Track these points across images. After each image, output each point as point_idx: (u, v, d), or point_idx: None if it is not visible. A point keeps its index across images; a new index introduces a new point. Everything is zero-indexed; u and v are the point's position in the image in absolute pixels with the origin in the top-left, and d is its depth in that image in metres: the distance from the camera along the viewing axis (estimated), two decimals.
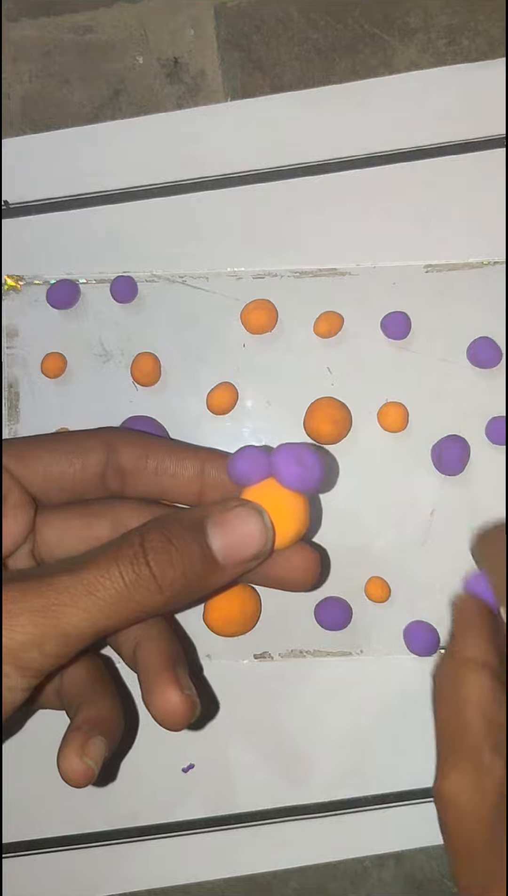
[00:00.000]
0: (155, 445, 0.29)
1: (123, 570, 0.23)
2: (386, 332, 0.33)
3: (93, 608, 0.23)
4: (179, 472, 0.28)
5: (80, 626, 0.23)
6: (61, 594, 0.23)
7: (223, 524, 0.25)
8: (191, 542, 0.24)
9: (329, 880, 0.32)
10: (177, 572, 0.24)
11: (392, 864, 0.32)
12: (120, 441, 0.28)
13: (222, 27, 0.36)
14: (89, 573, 0.23)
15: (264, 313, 0.33)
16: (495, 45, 0.35)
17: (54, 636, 0.23)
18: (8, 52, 0.36)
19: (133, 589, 0.23)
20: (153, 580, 0.24)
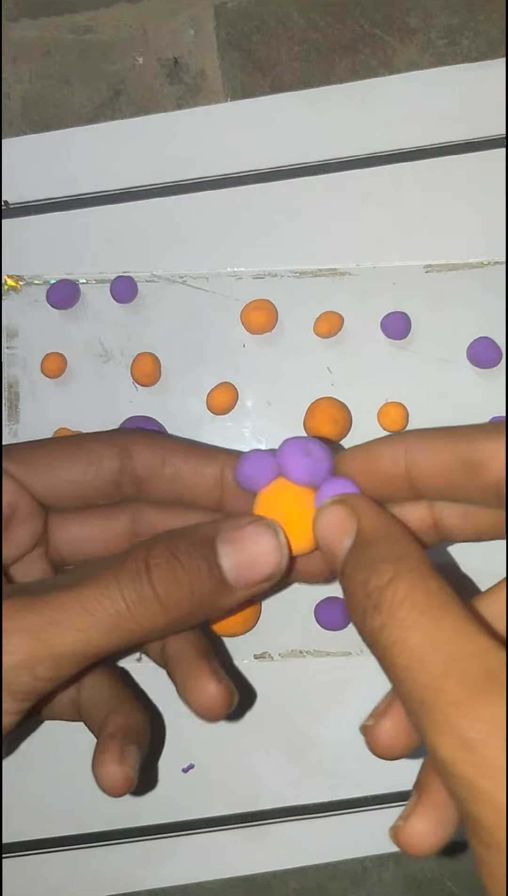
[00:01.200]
0: (172, 450, 0.27)
1: (125, 589, 0.22)
2: (386, 332, 0.33)
3: (89, 629, 0.21)
4: (198, 479, 0.26)
5: (74, 647, 0.21)
6: (56, 612, 0.21)
7: (235, 542, 0.23)
8: (200, 560, 0.22)
9: (329, 880, 0.32)
10: (183, 593, 0.22)
11: (392, 864, 0.32)
12: (135, 446, 0.26)
13: (222, 27, 0.36)
14: (88, 590, 0.21)
15: (264, 313, 0.33)
16: (495, 45, 0.35)
17: (47, 658, 0.21)
18: (8, 52, 0.36)
19: (134, 609, 0.22)
20: (157, 601, 0.22)
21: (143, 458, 0.26)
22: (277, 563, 0.23)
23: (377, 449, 0.23)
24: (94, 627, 0.21)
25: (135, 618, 0.22)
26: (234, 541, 0.23)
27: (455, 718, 0.17)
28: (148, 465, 0.26)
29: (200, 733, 0.32)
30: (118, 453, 0.26)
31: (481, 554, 0.28)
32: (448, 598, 0.19)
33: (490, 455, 0.21)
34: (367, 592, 0.20)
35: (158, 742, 0.32)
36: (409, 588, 0.19)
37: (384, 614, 0.19)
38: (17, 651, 0.21)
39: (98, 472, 0.26)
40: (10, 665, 0.21)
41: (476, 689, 0.17)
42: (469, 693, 0.17)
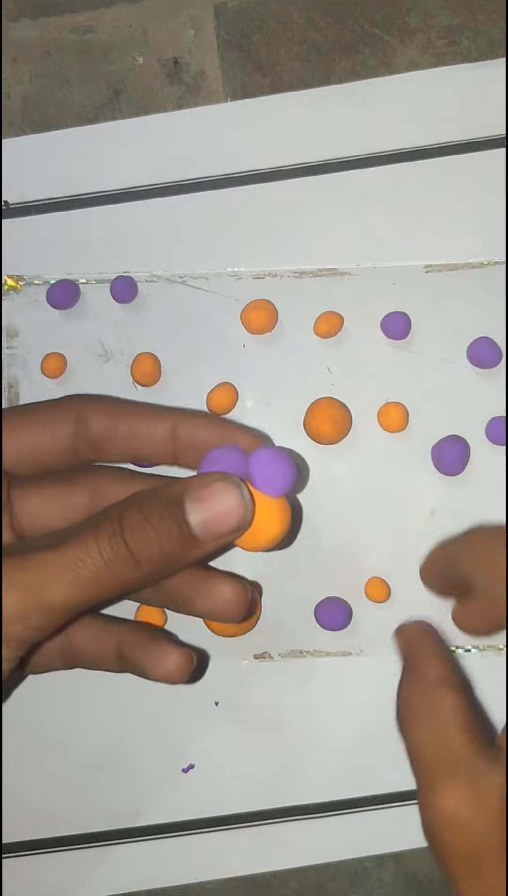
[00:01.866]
0: (124, 410, 0.29)
1: (102, 547, 0.24)
2: (386, 332, 0.33)
3: (74, 583, 0.23)
4: (152, 435, 0.28)
5: (62, 600, 0.23)
6: (44, 570, 0.23)
7: (201, 499, 0.25)
8: (169, 518, 0.25)
9: (329, 880, 0.32)
10: (153, 549, 0.24)
11: (392, 864, 0.32)
12: (88, 409, 0.28)
13: (222, 27, 0.36)
14: (70, 550, 0.24)
15: (264, 313, 0.33)
16: (495, 45, 0.35)
17: (38, 610, 0.23)
18: (8, 52, 0.36)
19: (111, 565, 0.24)
20: (130, 557, 0.24)
21: (97, 420, 0.28)
22: (242, 516, 0.25)
23: None
24: (78, 582, 0.24)
25: (113, 572, 0.24)
26: (201, 498, 0.25)
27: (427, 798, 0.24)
28: (102, 426, 0.28)
29: (200, 733, 0.32)
30: (72, 417, 0.28)
31: None
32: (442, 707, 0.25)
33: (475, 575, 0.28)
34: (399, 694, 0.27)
35: None
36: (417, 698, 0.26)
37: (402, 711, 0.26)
38: (10, 604, 0.23)
39: (53, 436, 0.28)
40: (6, 616, 0.23)
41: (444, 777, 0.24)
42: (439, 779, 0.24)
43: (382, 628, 0.32)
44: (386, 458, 0.33)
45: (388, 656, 0.32)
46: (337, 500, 0.33)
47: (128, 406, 0.29)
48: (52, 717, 0.32)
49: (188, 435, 0.28)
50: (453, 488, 0.33)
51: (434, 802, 0.24)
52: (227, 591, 0.27)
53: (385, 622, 0.32)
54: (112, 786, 0.32)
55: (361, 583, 0.33)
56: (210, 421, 0.29)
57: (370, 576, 0.32)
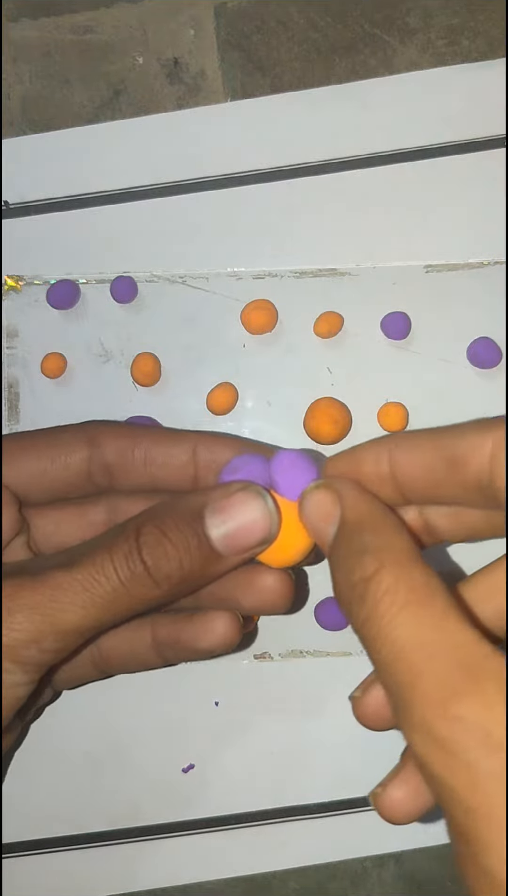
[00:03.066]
0: (140, 435, 0.27)
1: (118, 566, 0.23)
2: (386, 332, 0.33)
3: (89, 605, 0.22)
4: (169, 460, 0.27)
5: (77, 622, 0.22)
6: (56, 591, 0.22)
7: (222, 511, 0.23)
8: (188, 533, 0.23)
9: (329, 880, 0.32)
10: (172, 567, 0.23)
11: (392, 864, 0.32)
12: (103, 435, 0.27)
13: (222, 27, 0.36)
14: (84, 570, 0.23)
15: (264, 313, 0.33)
16: (495, 45, 0.35)
17: (51, 633, 0.22)
18: (8, 52, 0.36)
19: (128, 585, 0.23)
20: (148, 576, 0.23)
21: (112, 445, 0.27)
22: (267, 528, 0.23)
23: (360, 453, 0.23)
24: (93, 603, 0.22)
25: (130, 592, 0.23)
26: (223, 510, 0.23)
27: (430, 717, 0.17)
28: (117, 452, 0.27)
29: (200, 733, 0.32)
30: (85, 443, 0.27)
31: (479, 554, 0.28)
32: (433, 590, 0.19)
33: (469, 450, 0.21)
34: (352, 584, 0.19)
35: None
36: (393, 580, 0.19)
37: (368, 607, 0.19)
38: (24, 627, 0.22)
39: (66, 462, 0.27)
40: (19, 640, 0.22)
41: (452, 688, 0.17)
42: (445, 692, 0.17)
43: None
44: None
45: None
46: None
47: (144, 431, 0.27)
48: (52, 717, 0.32)
49: (208, 458, 0.27)
50: None
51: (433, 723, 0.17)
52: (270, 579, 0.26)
53: None
54: (112, 786, 0.32)
55: None
56: (230, 442, 0.27)
57: None
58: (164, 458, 0.27)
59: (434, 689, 0.17)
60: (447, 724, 0.17)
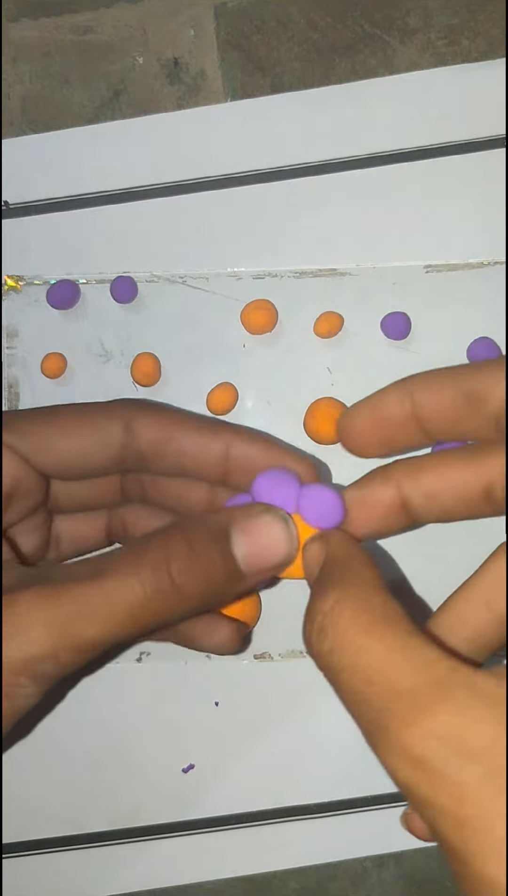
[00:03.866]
0: (177, 425, 0.27)
1: (145, 580, 0.22)
2: (386, 332, 0.33)
3: (110, 619, 0.22)
4: (203, 455, 0.27)
5: (96, 637, 0.22)
6: (80, 605, 0.22)
7: (248, 533, 0.24)
8: (214, 550, 0.23)
9: (329, 880, 0.32)
10: (199, 583, 0.23)
11: (392, 864, 0.32)
12: (138, 419, 0.27)
13: (222, 27, 0.36)
14: (109, 582, 0.22)
15: (264, 313, 0.33)
16: (495, 45, 0.35)
17: (70, 648, 0.22)
18: (8, 52, 0.36)
19: (154, 599, 0.22)
20: (175, 591, 0.23)
21: (148, 433, 0.26)
22: (287, 552, 0.24)
23: (383, 398, 0.24)
24: (115, 618, 0.22)
25: (154, 607, 0.22)
26: (248, 531, 0.24)
27: (407, 739, 0.17)
28: (152, 440, 0.26)
29: (200, 733, 0.32)
30: (122, 427, 0.26)
31: None
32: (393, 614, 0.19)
33: (489, 386, 0.22)
34: (312, 617, 0.20)
35: None
36: (353, 610, 0.19)
37: (330, 638, 0.19)
38: (42, 643, 0.22)
39: (101, 446, 0.26)
40: (36, 656, 0.22)
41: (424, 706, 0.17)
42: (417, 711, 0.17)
43: None
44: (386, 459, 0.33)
45: None
46: None
47: (180, 420, 0.27)
48: (52, 717, 0.32)
49: (241, 458, 0.27)
50: None
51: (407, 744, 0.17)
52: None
53: None
54: (112, 786, 0.32)
55: None
56: (265, 446, 0.27)
57: None
58: (198, 454, 0.27)
59: (407, 710, 0.17)
60: (423, 741, 0.17)
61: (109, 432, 0.26)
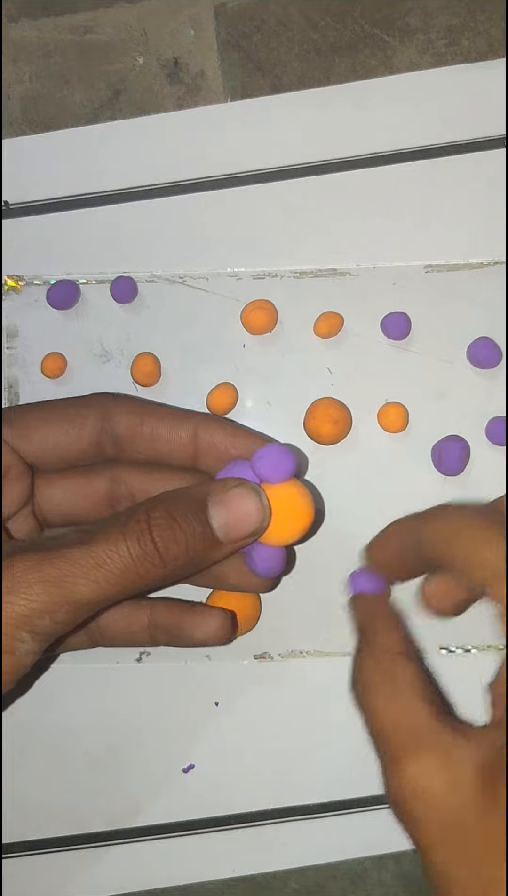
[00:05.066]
0: (149, 412, 0.29)
1: (130, 545, 0.25)
2: (386, 332, 0.33)
3: (101, 580, 0.24)
4: (174, 439, 0.29)
5: (88, 595, 0.24)
6: (73, 566, 0.24)
7: (224, 503, 0.26)
8: (194, 520, 0.26)
9: (329, 880, 0.32)
10: (180, 548, 0.25)
11: (392, 865, 0.32)
12: (115, 408, 0.29)
13: (222, 27, 0.36)
14: (99, 547, 0.24)
15: (264, 313, 0.33)
16: (495, 45, 0.35)
17: (65, 605, 0.24)
18: (8, 52, 0.36)
19: (138, 563, 0.25)
20: (157, 555, 0.25)
21: (123, 420, 0.29)
22: (260, 520, 0.27)
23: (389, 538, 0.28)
24: (105, 578, 0.24)
25: (139, 570, 0.25)
26: (224, 502, 0.26)
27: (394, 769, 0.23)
28: (127, 426, 0.29)
29: (200, 733, 0.32)
30: (99, 416, 0.29)
31: None
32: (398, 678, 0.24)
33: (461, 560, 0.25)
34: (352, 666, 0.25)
35: None
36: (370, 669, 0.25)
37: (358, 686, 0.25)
38: (40, 599, 0.24)
39: (80, 433, 0.29)
40: (34, 610, 0.24)
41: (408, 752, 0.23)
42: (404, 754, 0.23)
43: None
44: (386, 458, 0.33)
45: None
46: (337, 500, 0.33)
47: (152, 408, 0.30)
48: (52, 717, 0.32)
49: (208, 440, 0.29)
50: (453, 488, 0.33)
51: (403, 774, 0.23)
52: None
53: None
54: (112, 786, 0.32)
55: None
56: (230, 428, 0.30)
57: None
58: (169, 436, 0.29)
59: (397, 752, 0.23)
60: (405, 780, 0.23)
61: (88, 419, 0.29)
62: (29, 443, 0.29)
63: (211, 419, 0.30)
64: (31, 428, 0.29)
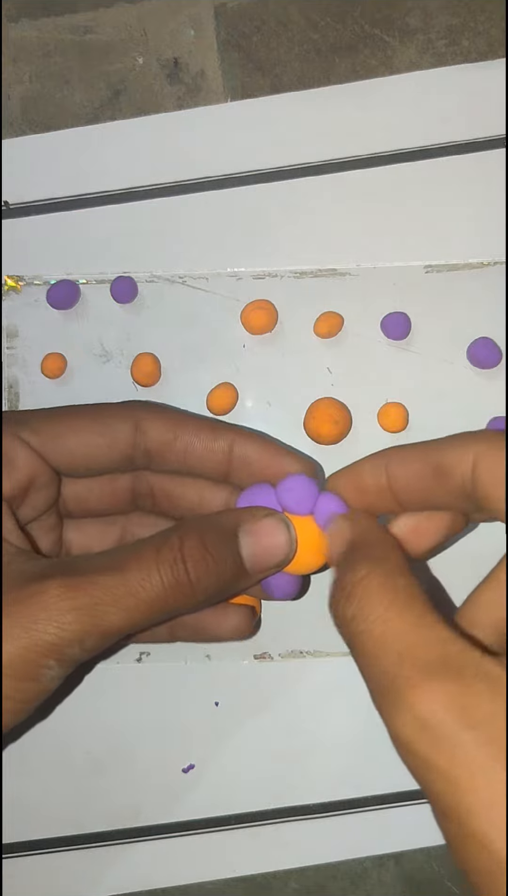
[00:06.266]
0: (182, 425, 0.29)
1: (163, 574, 0.24)
2: (386, 332, 0.33)
3: (133, 608, 0.24)
4: (208, 453, 0.28)
5: (119, 624, 0.24)
6: (106, 594, 0.24)
7: (253, 534, 0.26)
8: (226, 550, 0.25)
9: (329, 880, 0.32)
10: (211, 578, 0.25)
11: (392, 865, 0.32)
12: (147, 419, 0.28)
13: (222, 27, 0.36)
14: (132, 574, 0.24)
15: (264, 314, 0.33)
16: (495, 45, 0.35)
17: (95, 634, 0.24)
18: (8, 52, 0.36)
19: (171, 592, 0.24)
20: (190, 585, 0.25)
21: (156, 432, 0.28)
22: (287, 553, 0.27)
23: (360, 467, 0.26)
24: (137, 607, 0.24)
25: (170, 599, 0.24)
26: (254, 532, 0.26)
27: (411, 699, 0.19)
28: (161, 439, 0.28)
29: (200, 733, 0.32)
30: (131, 427, 0.28)
31: None
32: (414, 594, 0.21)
33: (454, 461, 0.24)
34: (343, 585, 0.22)
35: None
36: (379, 585, 0.22)
37: (354, 605, 0.22)
38: (71, 628, 0.23)
39: (111, 444, 0.28)
40: (65, 638, 0.23)
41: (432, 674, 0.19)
42: (425, 677, 0.19)
43: None
44: None
45: None
46: None
47: (186, 420, 0.29)
48: (53, 717, 0.32)
49: (243, 457, 0.29)
50: None
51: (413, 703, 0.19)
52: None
53: None
54: (112, 786, 0.32)
55: None
56: (265, 444, 0.29)
57: None
58: (203, 452, 0.28)
59: (416, 675, 0.19)
60: (428, 703, 0.19)
61: (119, 430, 0.28)
62: (57, 451, 0.28)
63: (246, 435, 0.29)
64: (60, 436, 0.28)
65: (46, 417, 0.28)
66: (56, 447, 0.28)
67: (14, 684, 0.23)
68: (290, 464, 0.28)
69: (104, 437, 0.28)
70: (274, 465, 0.28)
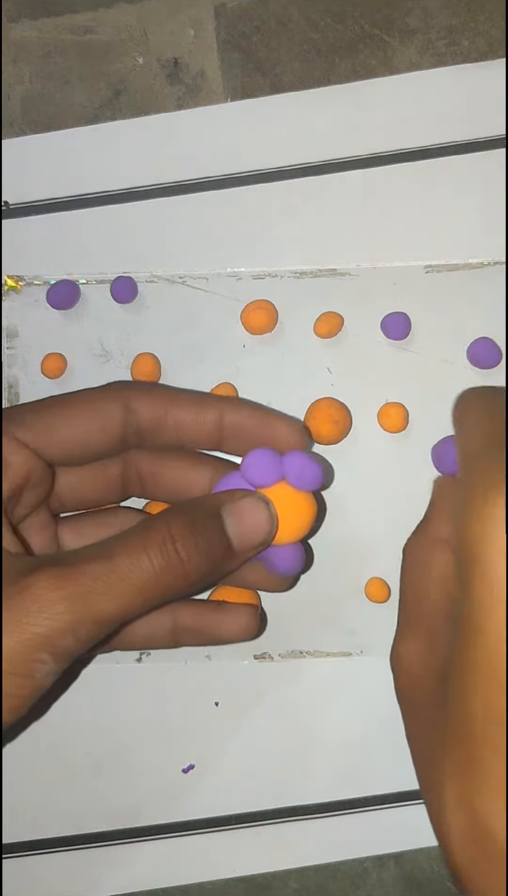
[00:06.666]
0: (171, 399, 0.29)
1: (153, 556, 0.24)
2: (386, 332, 0.33)
3: (125, 594, 0.24)
4: (199, 425, 0.29)
5: (112, 611, 0.24)
6: (96, 581, 0.24)
7: (237, 513, 0.27)
8: (212, 528, 0.26)
9: (329, 881, 0.32)
10: (201, 558, 0.25)
11: (392, 865, 0.32)
12: (135, 398, 0.29)
13: (222, 28, 0.36)
14: (121, 560, 0.24)
15: (264, 314, 0.33)
16: (495, 45, 0.35)
17: (88, 622, 0.23)
18: (8, 52, 0.36)
19: (161, 574, 0.24)
20: (181, 566, 0.25)
21: (146, 410, 0.29)
22: (269, 531, 0.27)
23: None
24: (129, 592, 0.24)
25: (162, 582, 0.24)
26: (237, 512, 0.27)
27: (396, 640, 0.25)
28: (151, 416, 0.29)
29: (200, 733, 0.32)
30: (121, 407, 0.28)
31: None
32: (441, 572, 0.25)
33: None
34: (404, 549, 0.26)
35: None
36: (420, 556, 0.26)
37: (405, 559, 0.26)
38: (63, 618, 0.23)
39: (103, 427, 0.28)
40: (57, 630, 0.23)
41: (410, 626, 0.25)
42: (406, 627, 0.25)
43: (382, 628, 0.32)
44: (386, 459, 0.33)
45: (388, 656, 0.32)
46: (337, 500, 0.33)
47: (174, 394, 0.29)
48: (52, 717, 0.32)
49: (233, 424, 0.29)
50: None
51: (397, 646, 0.25)
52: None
53: (385, 622, 0.32)
54: (112, 786, 0.32)
55: (361, 583, 0.33)
56: (254, 410, 0.30)
57: (370, 576, 0.32)
58: (194, 423, 0.29)
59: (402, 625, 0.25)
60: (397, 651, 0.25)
61: (110, 412, 0.28)
62: (52, 443, 0.28)
63: (235, 403, 0.30)
64: (53, 428, 0.28)
65: (37, 411, 0.28)
66: (50, 439, 0.28)
67: (7, 680, 0.23)
68: (279, 427, 0.29)
69: (96, 422, 0.28)
70: (264, 430, 0.29)
